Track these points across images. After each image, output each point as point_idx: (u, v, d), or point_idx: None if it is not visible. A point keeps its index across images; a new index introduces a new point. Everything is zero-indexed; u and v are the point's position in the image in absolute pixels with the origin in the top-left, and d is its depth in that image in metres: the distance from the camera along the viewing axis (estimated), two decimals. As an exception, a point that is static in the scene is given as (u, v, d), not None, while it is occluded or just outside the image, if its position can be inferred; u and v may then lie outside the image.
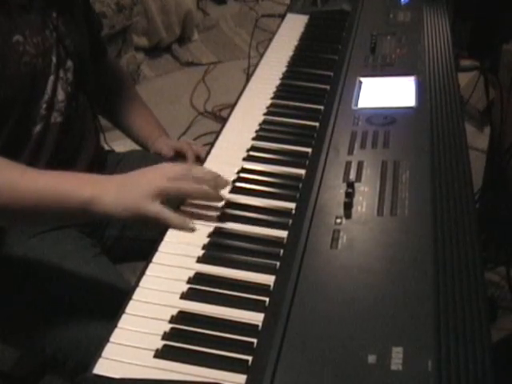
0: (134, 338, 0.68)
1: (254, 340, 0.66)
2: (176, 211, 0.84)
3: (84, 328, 0.93)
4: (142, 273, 0.77)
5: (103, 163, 1.20)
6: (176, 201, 0.86)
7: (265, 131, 1.06)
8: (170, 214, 0.82)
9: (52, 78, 1.01)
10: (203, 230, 0.83)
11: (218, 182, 0.86)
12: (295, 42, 1.40)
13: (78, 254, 1.03)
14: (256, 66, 1.31)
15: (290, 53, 1.35)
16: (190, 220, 0.84)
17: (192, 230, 0.83)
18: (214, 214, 0.86)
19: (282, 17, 1.56)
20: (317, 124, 1.07)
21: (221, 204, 0.87)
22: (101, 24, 1.27)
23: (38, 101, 1.00)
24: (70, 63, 1.05)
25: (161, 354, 0.66)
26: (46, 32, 0.99)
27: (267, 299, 0.71)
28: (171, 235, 0.83)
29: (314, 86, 1.21)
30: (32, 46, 0.96)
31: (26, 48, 0.95)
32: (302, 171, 0.94)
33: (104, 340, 0.68)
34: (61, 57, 1.03)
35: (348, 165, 0.88)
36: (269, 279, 0.75)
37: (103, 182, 0.84)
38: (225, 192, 0.89)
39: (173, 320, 0.70)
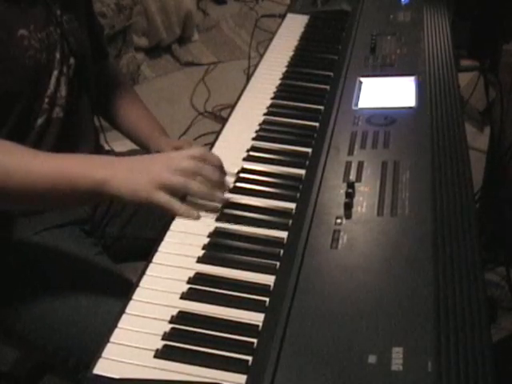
0: (134, 338, 0.68)
1: (254, 340, 0.66)
2: (182, 201, 0.85)
3: (85, 326, 0.93)
4: (142, 273, 0.77)
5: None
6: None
7: (265, 131, 1.06)
8: (176, 205, 0.84)
9: (56, 73, 1.02)
10: (203, 230, 0.83)
11: (223, 182, 0.88)
12: (295, 42, 1.40)
13: (79, 253, 1.03)
14: (256, 66, 1.31)
15: (290, 53, 1.35)
16: (196, 210, 0.85)
17: (197, 217, 0.85)
18: (214, 214, 0.86)
19: (282, 17, 1.56)
20: (317, 124, 1.07)
21: (221, 204, 0.87)
22: (102, 28, 1.27)
23: (41, 95, 1.01)
24: (72, 60, 1.06)
25: (161, 354, 0.66)
26: (50, 28, 1.01)
27: (267, 299, 0.71)
28: (171, 235, 0.83)
29: (314, 86, 1.21)
30: (36, 40, 0.97)
31: (31, 42, 0.96)
32: (302, 171, 0.94)
33: (105, 339, 0.68)
34: (64, 53, 1.04)
35: (348, 165, 0.88)
36: (269, 279, 0.75)
37: (115, 164, 0.85)
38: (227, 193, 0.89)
39: (173, 320, 0.70)
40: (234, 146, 1.02)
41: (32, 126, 1.01)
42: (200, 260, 0.78)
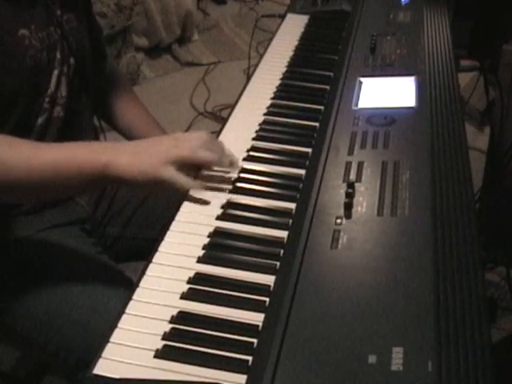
0: (134, 338, 0.68)
1: (254, 340, 0.66)
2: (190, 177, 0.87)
3: (86, 325, 0.94)
4: (142, 273, 0.77)
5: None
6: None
7: (265, 131, 1.06)
8: (185, 179, 0.85)
9: (56, 72, 1.02)
10: (203, 230, 0.83)
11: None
12: (295, 42, 1.40)
13: (80, 252, 1.03)
14: (256, 66, 1.31)
15: (290, 53, 1.35)
16: (204, 184, 0.87)
17: (207, 188, 0.87)
18: (215, 213, 0.86)
19: (282, 17, 1.56)
20: (317, 124, 1.07)
21: (221, 204, 0.87)
22: (101, 29, 1.28)
23: (42, 94, 1.01)
24: (72, 60, 1.06)
25: (161, 354, 0.66)
26: (50, 28, 1.01)
27: (267, 299, 0.71)
28: (171, 235, 0.83)
29: (314, 86, 1.21)
30: (37, 40, 0.97)
31: (32, 42, 0.96)
32: (302, 171, 0.94)
33: (105, 338, 0.68)
34: (64, 53, 1.04)
35: (348, 165, 0.88)
36: (269, 279, 0.75)
37: (118, 147, 0.86)
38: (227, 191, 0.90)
39: (173, 320, 0.70)
40: (234, 146, 1.02)
41: (33, 126, 1.01)
42: (200, 260, 0.78)
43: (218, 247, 0.81)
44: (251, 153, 1.00)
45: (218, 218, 0.86)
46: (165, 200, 1.13)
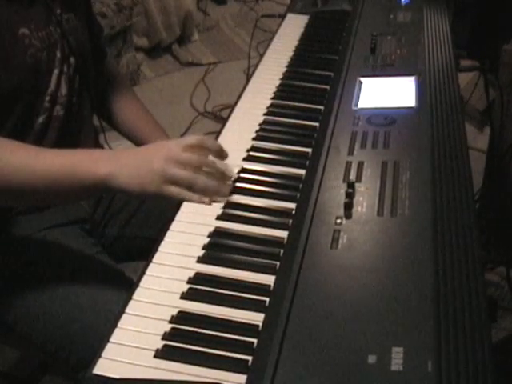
0: (134, 338, 0.68)
1: (254, 340, 0.66)
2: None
3: (86, 325, 0.94)
4: (142, 273, 0.77)
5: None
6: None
7: (265, 131, 1.06)
8: (187, 195, 0.86)
9: (56, 71, 1.03)
10: (203, 230, 0.83)
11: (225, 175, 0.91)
12: (295, 42, 1.40)
13: (80, 251, 1.04)
14: (256, 66, 1.31)
15: (290, 53, 1.35)
16: (205, 197, 0.87)
17: (209, 203, 0.87)
18: (215, 213, 0.86)
19: (282, 17, 1.56)
20: (317, 124, 1.07)
21: (222, 203, 0.87)
22: (101, 28, 1.28)
23: (42, 93, 1.01)
24: (72, 60, 1.06)
25: (161, 354, 0.66)
26: (50, 27, 1.01)
27: (267, 299, 0.71)
28: (171, 235, 0.83)
29: (314, 86, 1.21)
30: (37, 39, 0.98)
31: (32, 41, 0.97)
32: (303, 171, 0.94)
33: (105, 338, 0.68)
34: (64, 52, 1.04)
35: (348, 165, 0.88)
36: (269, 279, 0.75)
37: (119, 157, 0.86)
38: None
39: (173, 320, 0.70)
40: (234, 146, 1.02)
41: (33, 125, 1.02)
42: (200, 260, 0.78)
43: (218, 247, 0.81)
44: (251, 153, 1.00)
45: (218, 217, 0.86)
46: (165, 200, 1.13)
